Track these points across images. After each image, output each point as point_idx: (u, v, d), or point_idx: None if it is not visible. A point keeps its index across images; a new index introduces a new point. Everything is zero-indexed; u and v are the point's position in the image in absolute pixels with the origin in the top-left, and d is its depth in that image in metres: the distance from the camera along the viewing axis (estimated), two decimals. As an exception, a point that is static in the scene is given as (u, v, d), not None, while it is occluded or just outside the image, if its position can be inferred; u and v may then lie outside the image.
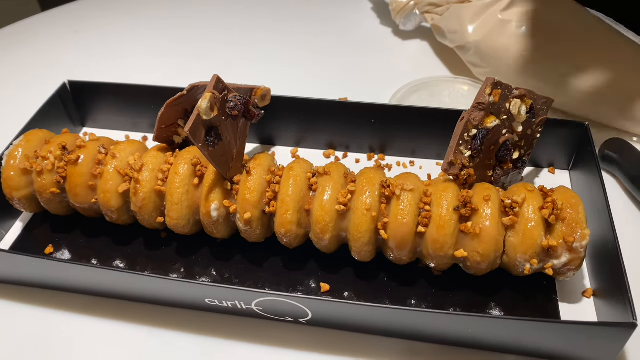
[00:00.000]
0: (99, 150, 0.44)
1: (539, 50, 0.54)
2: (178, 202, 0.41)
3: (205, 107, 0.37)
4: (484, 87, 0.39)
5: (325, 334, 0.40)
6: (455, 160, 0.40)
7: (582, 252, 0.37)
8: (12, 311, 0.42)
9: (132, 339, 0.40)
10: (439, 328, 0.37)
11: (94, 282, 0.41)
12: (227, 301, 0.38)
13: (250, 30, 0.74)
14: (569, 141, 0.48)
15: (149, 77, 0.58)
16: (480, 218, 0.38)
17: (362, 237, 0.39)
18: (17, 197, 0.45)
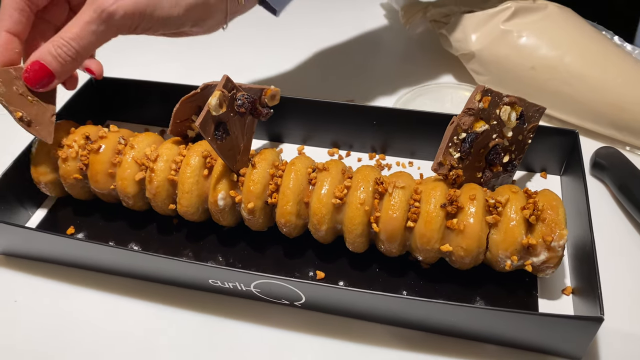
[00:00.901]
0: (119, 141, 0.48)
1: (537, 60, 0.56)
2: (188, 190, 0.45)
3: (214, 104, 0.41)
4: (474, 94, 0.42)
5: (319, 318, 0.43)
6: (444, 161, 0.43)
7: (560, 251, 0.40)
8: (34, 284, 0.46)
9: (143, 314, 0.44)
10: (424, 316, 0.40)
11: (110, 261, 0.45)
12: (228, 282, 0.42)
13: (265, 34, 0.77)
14: (560, 147, 0.50)
15: (169, 75, 0.61)
16: (465, 215, 0.41)
17: (356, 229, 0.42)
18: (44, 181, 0.49)
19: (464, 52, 0.61)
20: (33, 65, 0.43)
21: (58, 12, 0.49)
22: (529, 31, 0.57)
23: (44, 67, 0.44)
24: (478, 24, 0.59)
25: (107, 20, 0.43)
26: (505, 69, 0.58)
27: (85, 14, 0.43)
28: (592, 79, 0.54)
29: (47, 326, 0.43)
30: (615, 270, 0.45)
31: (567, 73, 0.55)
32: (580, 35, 0.56)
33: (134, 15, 0.44)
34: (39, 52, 0.44)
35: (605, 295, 0.41)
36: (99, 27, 0.43)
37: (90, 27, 0.43)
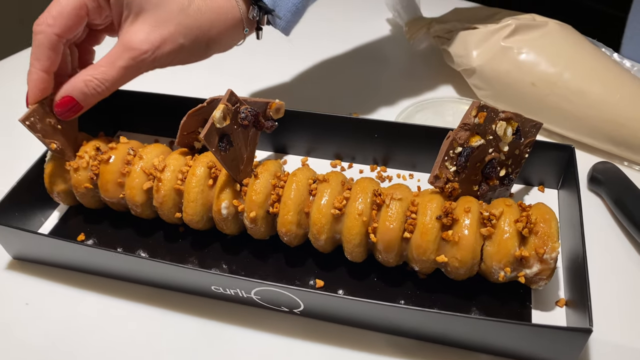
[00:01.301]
0: (128, 151, 0.50)
1: (537, 76, 0.57)
2: (194, 199, 0.47)
3: (218, 117, 0.43)
4: (469, 110, 0.44)
5: (317, 325, 0.44)
6: (440, 174, 0.44)
7: (552, 264, 0.41)
8: (44, 288, 0.48)
9: (147, 319, 0.45)
10: (420, 324, 0.41)
11: (118, 267, 0.47)
12: (230, 289, 0.43)
13: (270, 49, 0.79)
14: (558, 162, 0.51)
15: (178, 88, 0.63)
16: (460, 227, 0.42)
17: (354, 239, 0.44)
18: (57, 190, 0.51)
19: (465, 67, 0.62)
20: (64, 101, 0.47)
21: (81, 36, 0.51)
22: (529, 48, 0.58)
23: (74, 101, 0.47)
24: (479, 41, 0.61)
25: (143, 67, 0.47)
26: (505, 85, 0.59)
27: (120, 59, 0.46)
28: (591, 95, 0.55)
29: (56, 329, 0.45)
30: (609, 283, 0.45)
31: (566, 89, 0.56)
32: (580, 52, 0.58)
33: (169, 58, 0.47)
34: (71, 87, 0.46)
35: (598, 308, 0.42)
36: (132, 71, 0.46)
37: (125, 71, 0.46)
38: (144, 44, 0.45)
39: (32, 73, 0.46)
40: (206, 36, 0.48)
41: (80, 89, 0.46)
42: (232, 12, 0.49)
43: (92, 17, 0.47)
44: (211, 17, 0.48)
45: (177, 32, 0.46)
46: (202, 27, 0.48)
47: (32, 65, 0.46)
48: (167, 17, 0.46)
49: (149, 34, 0.46)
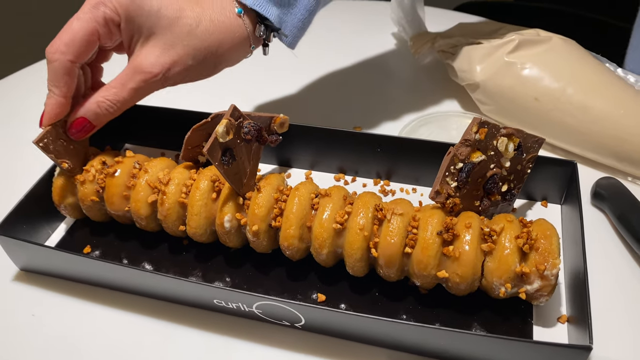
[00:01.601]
0: (134, 165, 0.50)
1: (541, 91, 0.57)
2: (197, 213, 0.47)
3: (222, 131, 0.43)
4: (470, 126, 0.44)
5: (318, 339, 0.44)
6: (441, 190, 0.44)
7: (553, 280, 0.41)
8: (51, 299, 0.49)
9: (151, 331, 0.46)
10: (421, 340, 0.41)
11: (122, 280, 0.48)
12: (232, 303, 0.44)
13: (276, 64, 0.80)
14: (561, 177, 0.51)
15: (185, 103, 0.64)
16: (461, 243, 0.42)
17: (355, 253, 0.44)
18: (64, 204, 0.52)
19: (469, 82, 0.62)
20: (78, 122, 0.49)
21: None
22: (533, 63, 0.58)
23: (87, 122, 0.49)
24: (483, 56, 0.61)
25: (153, 87, 0.48)
26: (509, 100, 0.59)
27: (131, 81, 0.47)
28: (594, 110, 0.55)
29: (62, 339, 0.46)
30: (612, 299, 0.45)
31: (570, 104, 0.56)
32: (583, 67, 0.58)
33: (178, 78, 0.49)
34: (84, 110, 0.48)
35: (600, 325, 0.42)
36: (143, 92, 0.48)
37: (135, 92, 0.48)
38: (154, 67, 0.47)
39: (51, 98, 0.47)
40: (214, 55, 0.50)
41: (94, 111, 0.48)
42: (239, 31, 0.50)
43: (103, 42, 0.48)
44: (219, 37, 0.49)
45: (186, 54, 0.48)
46: (210, 47, 0.49)
47: (50, 91, 0.47)
48: (176, 40, 0.47)
49: (159, 57, 0.47)
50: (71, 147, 0.49)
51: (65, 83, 0.47)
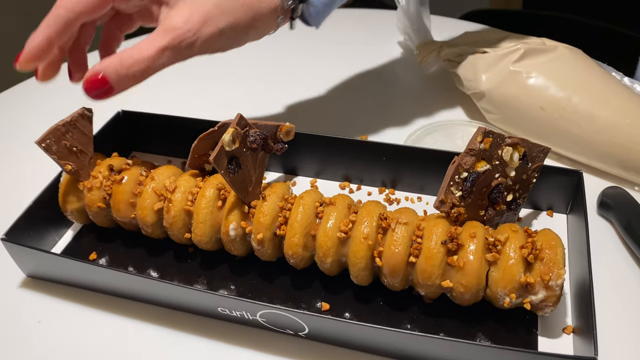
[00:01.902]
0: (140, 172, 0.51)
1: (546, 100, 0.57)
2: (203, 220, 0.47)
3: (228, 140, 0.44)
4: (475, 135, 0.44)
5: (322, 348, 0.44)
6: (445, 199, 0.44)
7: (558, 290, 0.40)
8: (57, 306, 0.49)
9: (157, 338, 0.46)
10: (425, 350, 0.41)
11: (128, 287, 0.48)
12: (236, 311, 0.44)
13: (282, 70, 0.81)
14: (566, 187, 0.51)
15: (192, 111, 0.65)
16: (465, 253, 0.42)
17: (359, 262, 0.44)
18: (70, 209, 0.52)
19: (474, 91, 0.62)
20: (95, 80, 0.44)
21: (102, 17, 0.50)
22: (538, 72, 0.58)
23: (106, 82, 0.44)
24: (489, 65, 0.61)
25: (184, 49, 0.45)
26: (514, 109, 0.59)
27: (161, 39, 0.44)
28: (600, 119, 0.55)
29: (68, 346, 0.46)
30: (618, 310, 0.45)
31: (576, 113, 0.56)
32: (589, 76, 0.58)
33: (209, 42, 0.47)
34: (105, 65, 0.44)
35: (606, 335, 0.42)
36: (172, 54, 0.45)
37: (165, 53, 0.44)
38: (186, 25, 0.45)
39: (34, 35, 0.45)
40: (244, 21, 0.48)
41: (115, 68, 0.43)
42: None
43: (118, 4, 0.46)
44: (248, 2, 0.48)
45: (217, 14, 0.46)
46: (240, 12, 0.48)
47: (38, 29, 0.44)
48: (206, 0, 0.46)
49: (190, 16, 0.45)
50: (74, 150, 0.50)
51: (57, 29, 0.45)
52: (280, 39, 0.93)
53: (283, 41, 0.90)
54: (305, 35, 0.44)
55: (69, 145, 0.49)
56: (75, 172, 0.50)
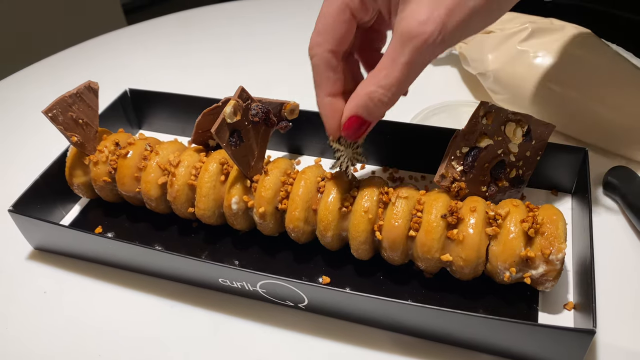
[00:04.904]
0: (145, 147, 0.51)
1: (554, 80, 0.57)
2: (206, 194, 0.48)
3: (229, 112, 0.44)
4: (477, 110, 0.44)
5: (321, 321, 0.44)
6: (446, 174, 0.44)
7: (558, 265, 0.40)
8: (62, 277, 0.50)
9: (159, 309, 0.47)
10: (423, 322, 0.41)
11: (132, 259, 0.49)
12: (236, 282, 0.44)
13: (293, 52, 0.81)
14: (572, 165, 0.51)
15: (201, 88, 0.65)
16: (465, 226, 0.42)
17: (359, 236, 0.44)
18: (77, 183, 0.53)
19: (481, 71, 0.62)
20: (351, 122, 0.40)
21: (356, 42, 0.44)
22: (545, 51, 0.58)
23: (361, 120, 0.40)
24: (495, 44, 0.61)
25: (432, 54, 0.37)
26: (521, 89, 0.59)
27: (402, 54, 0.36)
28: (607, 99, 0.54)
29: (72, 316, 0.47)
30: (620, 287, 0.45)
31: (583, 93, 0.55)
32: (597, 55, 0.57)
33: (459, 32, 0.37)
34: (355, 106, 0.39)
35: (608, 311, 0.42)
36: (420, 65, 0.37)
37: (411, 67, 0.37)
38: (427, 26, 0.35)
39: (319, 103, 0.41)
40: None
41: (365, 105, 0.39)
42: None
43: (359, 17, 0.40)
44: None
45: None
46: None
47: (316, 95, 0.41)
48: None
49: (432, 10, 0.35)
50: (80, 122, 0.50)
51: (328, 79, 0.40)
52: (286, 18, 0.93)
53: (290, 20, 0.91)
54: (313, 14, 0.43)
55: (75, 117, 0.50)
56: (80, 144, 0.51)
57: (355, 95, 0.39)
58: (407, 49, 0.36)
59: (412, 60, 0.36)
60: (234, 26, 0.91)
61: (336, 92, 0.41)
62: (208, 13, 0.97)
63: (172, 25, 0.94)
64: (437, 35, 0.35)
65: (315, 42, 0.40)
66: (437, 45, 0.36)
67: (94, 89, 0.52)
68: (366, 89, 0.38)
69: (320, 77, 0.40)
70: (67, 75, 0.81)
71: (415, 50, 0.36)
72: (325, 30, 0.39)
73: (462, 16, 0.36)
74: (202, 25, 0.93)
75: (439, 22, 0.35)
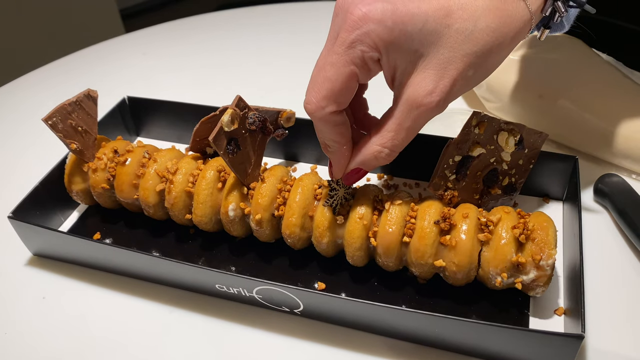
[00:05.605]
0: (143, 155, 0.52)
1: (545, 89, 0.58)
2: (203, 201, 0.49)
3: (227, 121, 0.45)
4: (470, 120, 0.45)
5: (317, 326, 0.45)
6: (439, 181, 0.45)
7: (549, 270, 0.41)
8: (61, 283, 0.51)
9: (156, 315, 0.47)
10: (416, 328, 0.42)
11: (130, 265, 0.49)
12: (233, 288, 0.45)
13: (288, 61, 0.82)
14: (563, 173, 0.52)
15: (198, 97, 0.66)
16: (457, 232, 0.43)
17: (354, 242, 0.45)
18: (75, 190, 0.54)
19: (474, 80, 0.63)
20: (354, 173, 0.44)
21: None
22: (538, 61, 0.59)
23: (363, 172, 0.44)
24: (489, 54, 0.62)
25: (431, 116, 0.40)
26: (513, 97, 0.60)
27: (408, 119, 0.40)
28: (598, 107, 0.55)
29: (71, 322, 0.47)
30: (611, 294, 0.45)
31: (574, 102, 0.56)
32: (588, 65, 0.58)
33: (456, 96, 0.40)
34: (362, 161, 0.43)
35: (599, 318, 0.43)
36: (420, 125, 0.41)
37: (413, 130, 0.41)
38: (433, 96, 0.38)
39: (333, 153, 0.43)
40: (493, 54, 0.39)
41: (370, 162, 0.42)
42: (520, 13, 0.39)
43: (361, 81, 0.41)
44: (502, 31, 0.38)
45: (466, 66, 0.38)
46: (493, 47, 0.38)
47: (327, 146, 0.43)
48: (452, 54, 0.37)
49: (437, 83, 0.38)
50: (79, 130, 0.51)
51: (339, 132, 0.42)
52: (282, 28, 0.94)
53: (285, 31, 0.92)
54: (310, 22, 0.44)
55: (74, 125, 0.51)
56: (79, 152, 0.51)
57: (361, 153, 0.43)
58: (412, 115, 0.39)
59: (416, 125, 0.40)
60: (232, 34, 0.92)
61: (347, 140, 0.43)
62: (206, 21, 0.98)
63: (171, 34, 0.95)
64: (441, 104, 0.39)
65: (319, 105, 0.40)
66: (438, 110, 0.39)
67: (93, 97, 0.53)
68: (373, 149, 0.42)
69: (330, 132, 0.42)
70: (66, 83, 0.81)
71: (419, 117, 0.39)
72: (331, 96, 0.39)
73: (462, 84, 0.39)
74: (200, 33, 0.94)
75: (444, 92, 0.38)
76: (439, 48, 0.37)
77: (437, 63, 0.38)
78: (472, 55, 0.38)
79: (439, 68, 0.38)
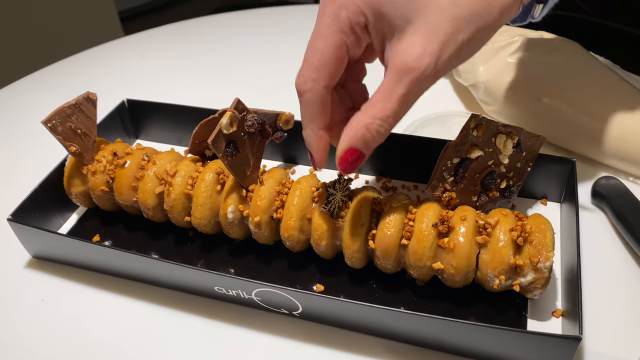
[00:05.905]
0: (142, 157, 0.52)
1: (543, 91, 0.58)
2: (202, 204, 0.49)
3: (225, 123, 0.45)
4: (468, 122, 0.45)
5: (315, 328, 0.45)
6: (437, 184, 0.45)
7: (546, 272, 0.41)
8: (60, 285, 0.51)
9: (155, 317, 0.47)
10: (414, 330, 0.42)
11: (129, 267, 0.49)
12: (232, 290, 0.45)
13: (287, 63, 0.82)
14: (561, 175, 0.52)
15: (197, 99, 0.66)
16: (455, 235, 0.43)
17: (353, 244, 0.45)
18: (75, 192, 0.54)
19: (472, 82, 0.63)
20: (347, 154, 0.40)
21: None
22: (535, 63, 0.59)
23: (357, 152, 0.40)
24: (486, 56, 0.62)
25: (426, 85, 0.38)
26: (511, 100, 0.60)
27: (399, 86, 0.38)
28: (595, 110, 0.56)
29: (70, 324, 0.47)
30: (609, 296, 0.46)
31: (571, 105, 0.57)
32: (586, 68, 0.58)
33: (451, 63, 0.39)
34: (352, 138, 0.39)
35: (596, 320, 0.43)
36: (415, 95, 0.39)
37: (407, 99, 0.38)
38: (423, 59, 0.37)
39: (310, 135, 0.42)
40: (485, 22, 0.38)
41: (362, 137, 0.39)
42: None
43: (352, 53, 0.40)
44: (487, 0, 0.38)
45: (455, 30, 0.37)
46: (478, 11, 0.38)
47: (307, 127, 0.41)
48: (439, 18, 0.37)
49: (426, 46, 0.37)
50: (79, 132, 0.51)
51: (321, 114, 0.40)
52: (280, 29, 0.94)
53: (283, 33, 0.92)
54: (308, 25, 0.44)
55: (73, 127, 0.51)
56: (79, 154, 0.51)
57: (350, 128, 0.39)
58: (403, 82, 0.37)
59: (409, 92, 0.38)
60: (230, 37, 0.93)
61: (327, 125, 0.42)
62: (204, 24, 0.98)
63: (170, 36, 0.95)
64: (432, 68, 0.37)
65: (310, 77, 0.39)
66: (431, 77, 0.38)
67: (93, 99, 0.53)
68: (363, 121, 0.39)
69: (314, 112, 0.41)
70: (65, 85, 0.82)
71: (412, 83, 0.37)
72: (323, 66, 0.39)
73: (453, 49, 0.38)
74: (199, 36, 0.94)
75: (433, 55, 0.37)
76: (426, 14, 0.37)
77: (425, 28, 0.37)
78: (461, 20, 0.37)
79: (427, 32, 0.37)
